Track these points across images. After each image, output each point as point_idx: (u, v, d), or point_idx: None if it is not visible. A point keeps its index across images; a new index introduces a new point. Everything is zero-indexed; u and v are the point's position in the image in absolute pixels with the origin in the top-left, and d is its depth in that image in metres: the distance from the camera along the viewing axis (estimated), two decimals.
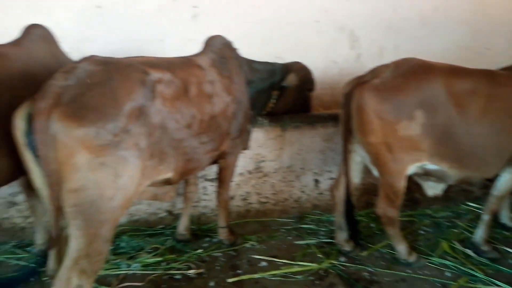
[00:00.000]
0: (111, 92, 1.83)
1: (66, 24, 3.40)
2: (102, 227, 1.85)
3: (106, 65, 1.93)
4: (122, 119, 1.82)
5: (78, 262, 1.82)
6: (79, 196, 1.76)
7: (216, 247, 3.28)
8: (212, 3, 3.73)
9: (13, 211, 3.34)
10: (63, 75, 1.81)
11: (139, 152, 1.91)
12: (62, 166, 1.72)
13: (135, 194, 2.02)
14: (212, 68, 2.64)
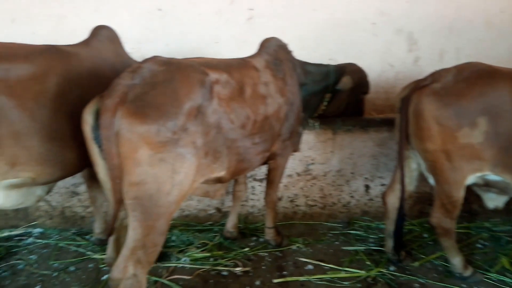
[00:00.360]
0: (172, 91, 1.91)
1: (128, 25, 3.58)
2: (159, 220, 1.93)
3: (168, 66, 2.01)
4: (181, 118, 1.89)
5: (134, 252, 1.91)
6: (139, 189, 1.84)
7: (263, 247, 3.31)
8: (268, 5, 3.77)
9: (75, 201, 3.57)
10: (129, 75, 1.91)
11: (196, 150, 1.97)
12: (125, 160, 1.81)
13: (190, 190, 2.09)
14: (267, 70, 2.67)
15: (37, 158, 2.11)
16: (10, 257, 3.19)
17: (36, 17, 3.62)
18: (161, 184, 1.87)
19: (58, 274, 2.95)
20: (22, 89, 2.01)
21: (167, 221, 1.99)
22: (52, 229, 3.58)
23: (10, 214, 3.55)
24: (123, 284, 1.90)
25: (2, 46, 2.12)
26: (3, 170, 2.00)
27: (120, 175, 1.84)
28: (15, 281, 2.89)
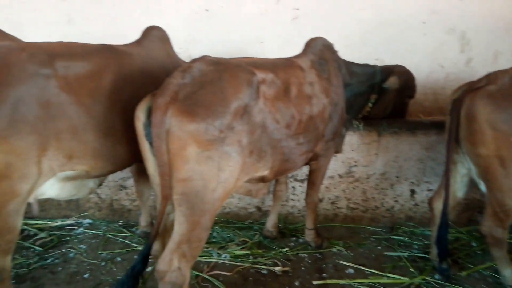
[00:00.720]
0: (220, 91, 1.95)
1: (177, 26, 3.67)
2: (204, 216, 1.97)
3: (216, 65, 2.05)
4: (228, 117, 1.92)
5: (180, 246, 1.97)
6: (186, 185, 1.90)
7: (302, 247, 3.30)
8: (314, 5, 3.74)
9: (122, 194, 3.72)
10: (180, 74, 1.96)
11: (241, 149, 2.00)
12: (174, 157, 1.87)
13: (234, 188, 2.12)
14: (312, 70, 2.66)
15: (92, 152, 2.22)
16: (62, 245, 3.38)
17: (90, 17, 3.81)
18: (207, 181, 1.91)
19: (105, 264, 3.09)
20: (79, 86, 2.12)
21: (211, 217, 2.03)
22: (100, 221, 3.76)
23: (63, 205, 3.76)
24: (168, 276, 1.96)
25: (62, 45, 2.24)
26: (61, 163, 2.12)
27: (168, 171, 1.90)
28: (66, 268, 3.06)
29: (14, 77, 1.89)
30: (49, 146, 2.02)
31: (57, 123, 2.02)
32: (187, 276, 2.03)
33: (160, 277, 1.99)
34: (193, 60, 2.09)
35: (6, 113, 1.83)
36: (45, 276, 2.95)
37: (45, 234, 3.50)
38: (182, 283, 2.00)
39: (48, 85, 1.98)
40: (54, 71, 2.02)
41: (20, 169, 1.93)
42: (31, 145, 1.93)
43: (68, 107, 2.06)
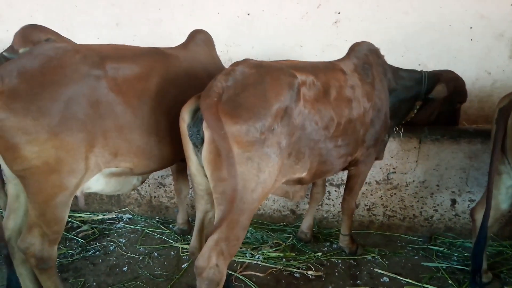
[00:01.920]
0: (262, 93, 1.98)
1: (219, 29, 3.75)
2: (242, 215, 2.01)
3: (258, 68, 2.09)
4: (269, 119, 1.95)
5: (218, 243, 2.01)
6: (227, 185, 1.93)
7: (336, 253, 3.27)
8: (356, 8, 3.70)
9: (161, 191, 3.84)
10: (224, 77, 2.01)
11: (280, 151, 2.02)
12: (216, 157, 1.91)
13: (272, 189, 2.14)
14: (354, 73, 2.64)
15: (136, 151, 2.31)
16: (103, 238, 3.53)
17: (137, 21, 3.96)
18: (247, 182, 1.94)
19: (143, 258, 3.21)
20: (127, 87, 2.21)
21: (249, 217, 2.06)
22: (139, 216, 3.90)
23: (105, 199, 3.93)
24: (206, 272, 2.02)
25: (113, 47, 2.36)
26: (107, 159, 2.23)
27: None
28: (106, 260, 3.19)
29: (67, 77, 2.00)
30: (97, 143, 2.12)
31: (105, 121, 2.12)
32: (224, 274, 2.07)
33: (198, 273, 2.04)
34: (236, 63, 2.13)
35: (58, 111, 1.95)
36: (86, 267, 3.10)
37: (87, 227, 3.67)
38: (219, 280, 2.05)
39: (98, 85, 2.09)
40: (104, 72, 2.12)
41: (69, 164, 2.04)
42: (80, 142, 2.04)
43: (115, 107, 2.15)
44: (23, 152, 1.91)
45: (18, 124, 1.87)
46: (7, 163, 2.00)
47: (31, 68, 1.98)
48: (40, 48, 2.16)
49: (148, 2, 3.92)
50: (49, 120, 1.91)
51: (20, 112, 1.87)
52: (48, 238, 2.17)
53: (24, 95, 1.90)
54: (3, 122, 1.86)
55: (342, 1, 3.73)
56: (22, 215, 2.36)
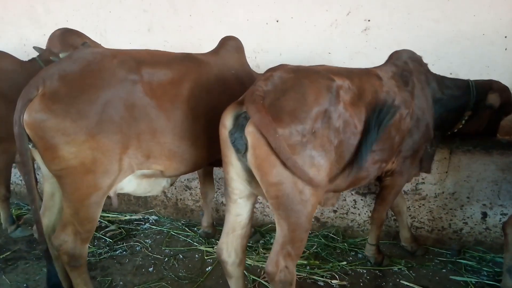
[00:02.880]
0: (301, 97, 1.98)
1: (247, 36, 3.78)
2: (300, 217, 2.01)
3: (296, 73, 2.10)
4: (310, 122, 1.95)
5: (284, 246, 2.04)
6: (278, 189, 1.95)
7: (361, 263, 3.23)
8: (386, 16, 3.67)
9: (187, 194, 3.89)
10: (263, 82, 2.02)
11: (325, 153, 2.02)
12: (262, 162, 1.93)
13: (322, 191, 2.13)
14: (391, 80, 2.58)
15: (167, 154, 2.37)
16: (129, 238, 3.61)
17: (168, 27, 4.05)
18: (294, 184, 1.94)
19: (168, 260, 3.26)
20: (161, 92, 2.27)
21: (308, 218, 2.06)
22: (165, 218, 3.97)
23: (132, 201, 4.02)
24: (278, 276, 2.05)
25: (148, 53, 2.42)
26: (140, 161, 2.29)
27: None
28: (132, 260, 3.26)
29: (105, 81, 2.07)
30: (131, 145, 2.19)
31: (139, 124, 2.18)
32: (294, 273, 2.11)
33: (270, 278, 2.08)
34: (272, 69, 2.15)
35: (96, 113, 2.02)
36: (114, 266, 3.17)
37: (115, 226, 3.76)
38: (291, 280, 2.09)
39: (134, 89, 2.16)
40: (140, 77, 2.19)
41: (104, 165, 2.11)
42: (115, 144, 2.11)
43: (150, 110, 2.21)
44: (61, 153, 1.98)
45: (58, 126, 1.95)
46: (46, 162, 2.08)
47: (71, 72, 2.06)
48: (79, 52, 2.25)
49: (179, 9, 4.01)
50: (87, 122, 1.98)
51: (60, 114, 1.95)
52: (81, 237, 2.24)
53: (64, 97, 1.98)
54: (44, 123, 1.94)
55: (372, 8, 3.71)
56: (57, 213, 2.45)
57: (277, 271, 2.05)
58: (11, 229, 3.59)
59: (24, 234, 3.60)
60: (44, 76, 2.04)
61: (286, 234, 2.03)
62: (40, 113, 1.94)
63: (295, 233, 2.04)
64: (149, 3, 4.05)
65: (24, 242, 3.51)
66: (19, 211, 4.11)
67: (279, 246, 2.05)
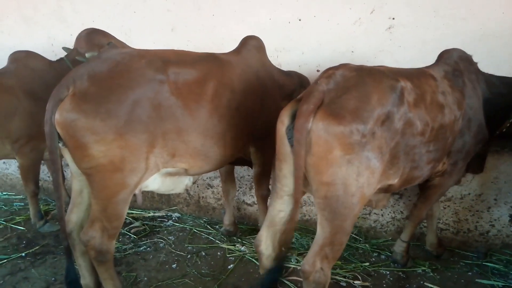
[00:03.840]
0: (364, 96, 1.97)
1: (269, 34, 3.79)
2: (346, 220, 2.01)
3: (359, 71, 2.08)
4: (371, 122, 1.93)
5: (323, 248, 2.05)
6: (328, 189, 1.94)
7: (384, 264, 3.20)
8: (411, 14, 3.61)
9: (209, 192, 3.93)
10: (324, 80, 2.03)
11: (381, 156, 2.00)
12: (319, 160, 1.92)
13: (371, 194, 2.11)
14: (444, 80, 2.54)
15: (192, 152, 2.40)
16: (153, 235, 3.67)
17: (191, 27, 4.08)
18: (347, 186, 1.93)
19: (191, 257, 3.30)
20: (187, 91, 2.30)
21: (352, 222, 2.06)
22: (187, 215, 4.02)
23: (156, 198, 4.08)
24: (312, 276, 2.07)
25: (174, 53, 2.46)
26: (165, 160, 2.33)
27: (303, 176, 1.98)
28: (156, 257, 3.32)
29: (133, 81, 2.12)
30: (157, 144, 2.23)
31: (165, 124, 2.22)
32: (329, 276, 2.11)
33: (305, 277, 2.09)
34: (334, 67, 2.13)
35: (124, 113, 2.06)
36: (138, 262, 3.24)
37: (139, 223, 3.83)
38: (325, 282, 2.10)
39: (161, 89, 2.19)
40: (167, 77, 2.23)
41: (132, 163, 2.16)
42: (143, 143, 2.15)
43: (175, 110, 2.25)
44: (91, 151, 2.04)
45: (87, 125, 2.00)
46: (76, 161, 2.14)
47: (100, 72, 2.11)
48: (107, 53, 2.30)
49: (202, 8, 4.03)
50: (116, 121, 2.03)
51: (90, 114, 2.00)
52: (108, 233, 2.30)
53: (94, 97, 2.03)
54: (75, 122, 1.99)
55: (397, 7, 3.65)
56: (85, 209, 2.51)
57: (312, 271, 2.06)
58: (39, 224, 3.71)
59: (51, 229, 3.71)
60: (74, 76, 2.09)
61: (327, 236, 2.02)
62: (71, 113, 2.00)
63: (336, 236, 2.03)
64: (173, 3, 4.09)
65: (52, 237, 3.62)
66: (47, 207, 4.23)
67: (318, 247, 2.05)
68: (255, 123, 2.79)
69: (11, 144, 3.31)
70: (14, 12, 4.56)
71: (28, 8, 4.52)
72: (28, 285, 2.94)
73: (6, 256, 3.28)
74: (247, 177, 3.79)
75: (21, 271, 3.10)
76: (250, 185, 3.79)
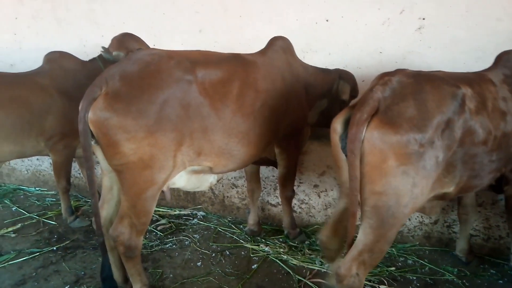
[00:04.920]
0: (422, 103, 1.91)
1: (296, 35, 3.78)
2: (391, 230, 1.98)
3: (417, 78, 2.03)
4: (430, 131, 1.88)
5: (361, 254, 2.02)
6: (380, 199, 1.91)
7: (411, 269, 3.14)
8: (442, 14, 3.52)
9: (233, 192, 3.96)
10: (380, 88, 1.98)
11: (437, 165, 1.94)
12: (372, 170, 1.89)
13: (422, 204, 2.08)
14: (504, 85, 2.42)
15: (217, 151, 2.44)
16: (179, 232, 3.73)
17: (218, 28, 4.13)
18: (400, 196, 1.89)
19: (215, 255, 3.33)
20: (213, 91, 2.34)
21: (396, 232, 2.03)
22: (212, 214, 4.06)
23: (182, 196, 4.14)
24: (347, 280, 2.05)
25: (201, 53, 2.51)
26: (191, 158, 2.37)
27: (359, 186, 1.94)
28: (181, 254, 3.37)
29: (163, 81, 2.17)
30: (184, 142, 2.27)
31: (192, 123, 2.26)
32: (363, 282, 2.10)
33: (339, 280, 2.08)
34: (390, 73, 2.08)
35: (155, 112, 2.11)
36: (164, 259, 3.29)
37: (165, 220, 3.90)
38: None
39: (189, 89, 2.24)
40: (195, 77, 2.27)
41: (160, 161, 2.21)
42: (171, 141, 2.20)
43: (202, 109, 2.29)
44: (122, 149, 2.10)
45: (119, 123, 2.06)
46: (107, 158, 2.20)
47: (131, 73, 2.17)
48: (138, 54, 2.37)
49: (230, 9, 4.07)
50: (146, 120, 2.08)
51: (121, 112, 2.06)
52: (136, 229, 2.36)
53: (126, 97, 2.08)
54: (108, 121, 2.06)
55: (427, 6, 3.58)
56: (114, 205, 2.58)
57: (347, 276, 2.04)
58: (70, 220, 3.83)
59: (81, 225, 3.82)
60: (106, 76, 2.16)
61: (368, 243, 1.99)
62: (104, 112, 2.06)
63: (378, 244, 2.00)
64: (201, 5, 4.15)
65: (82, 232, 3.73)
66: (77, 203, 4.36)
67: (357, 253, 2.02)
68: (279, 123, 2.80)
69: (45, 141, 3.43)
70: (49, 14, 4.73)
71: (61, 10, 4.68)
72: (59, 278, 3.04)
73: (38, 250, 3.41)
74: (272, 178, 3.80)
75: (52, 264, 3.21)
76: (274, 185, 3.80)
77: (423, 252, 3.39)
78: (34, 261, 3.26)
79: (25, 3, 4.80)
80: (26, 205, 4.32)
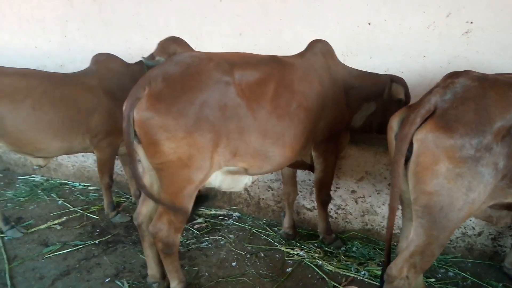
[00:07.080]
0: (484, 108, 1.86)
1: (337, 38, 3.75)
2: (444, 232, 1.95)
3: (482, 82, 1.97)
4: (488, 137, 1.83)
5: (413, 256, 2.01)
6: (431, 199, 1.90)
7: (452, 281, 3.02)
8: (491, 18, 3.37)
9: (269, 194, 3.97)
10: (441, 90, 1.96)
11: (496, 172, 1.88)
12: (423, 170, 1.89)
13: (477, 210, 2.02)
14: None
15: (252, 152, 2.45)
16: (215, 232, 3.78)
17: (258, 31, 4.16)
18: (454, 199, 1.87)
19: (250, 257, 3.35)
20: (249, 92, 2.37)
21: (450, 235, 2.00)
22: (247, 216, 4.08)
23: (218, 196, 4.20)
24: (397, 282, 2.05)
25: (238, 55, 2.54)
26: (227, 158, 2.40)
27: (401, 184, 1.97)
28: (217, 253, 3.41)
29: (203, 83, 2.22)
30: (221, 143, 2.31)
31: (229, 124, 2.30)
32: (412, 286, 2.08)
33: (389, 281, 2.07)
34: (455, 75, 2.05)
35: (194, 113, 2.17)
36: (200, 258, 3.35)
37: (202, 220, 3.97)
38: None
39: (227, 90, 2.27)
40: (233, 78, 2.31)
41: (198, 161, 2.26)
42: (209, 141, 2.24)
43: (239, 110, 2.32)
44: (162, 148, 2.16)
45: (161, 123, 2.13)
46: (148, 156, 2.28)
47: (173, 74, 2.24)
48: (179, 56, 2.44)
49: (270, 13, 4.09)
50: (186, 120, 2.14)
51: (163, 113, 2.12)
52: (174, 226, 2.42)
53: (167, 97, 2.15)
54: (150, 120, 2.13)
55: (475, 10, 3.43)
56: (154, 203, 2.66)
57: (397, 277, 2.03)
58: (112, 215, 3.98)
59: (122, 220, 3.97)
60: (150, 77, 2.24)
61: (419, 245, 1.97)
62: (146, 111, 2.14)
63: (430, 246, 1.97)
64: (241, 8, 4.20)
65: (123, 227, 3.87)
66: (119, 199, 4.53)
67: (409, 254, 2.01)
68: (316, 126, 2.78)
69: (90, 138, 3.60)
70: (96, 16, 4.95)
71: (108, 13, 4.88)
72: (100, 270, 3.17)
73: (82, 242, 3.57)
74: (308, 182, 3.77)
75: (94, 257, 3.35)
76: (310, 189, 3.77)
77: (465, 265, 3.25)
78: (77, 253, 3.42)
79: (75, 6, 5.04)
80: (71, 199, 4.54)
